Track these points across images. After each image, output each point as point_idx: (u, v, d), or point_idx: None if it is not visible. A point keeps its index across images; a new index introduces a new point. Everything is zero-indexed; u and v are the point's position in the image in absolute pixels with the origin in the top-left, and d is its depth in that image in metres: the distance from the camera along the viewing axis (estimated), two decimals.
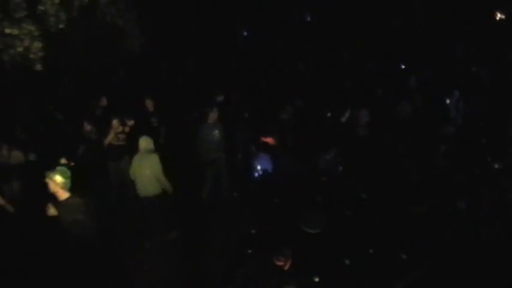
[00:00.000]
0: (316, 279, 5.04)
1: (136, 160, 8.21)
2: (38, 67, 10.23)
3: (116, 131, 9.60)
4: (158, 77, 13.61)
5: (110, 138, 9.56)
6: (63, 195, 6.15)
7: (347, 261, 5.54)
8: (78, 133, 10.16)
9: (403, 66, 15.00)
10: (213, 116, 9.62)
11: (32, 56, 10.14)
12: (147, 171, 7.95)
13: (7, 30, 10.01)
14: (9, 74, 10.31)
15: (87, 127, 9.97)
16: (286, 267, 5.01)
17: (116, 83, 12.96)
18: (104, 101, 11.19)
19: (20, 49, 10.06)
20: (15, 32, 10.03)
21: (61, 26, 10.55)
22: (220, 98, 10.87)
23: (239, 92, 11.76)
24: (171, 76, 13.80)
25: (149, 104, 10.65)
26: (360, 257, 5.68)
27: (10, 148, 9.28)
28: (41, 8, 10.09)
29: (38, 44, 10.21)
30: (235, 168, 9.84)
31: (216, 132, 9.54)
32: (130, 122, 9.92)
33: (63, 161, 8.08)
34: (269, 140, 7.77)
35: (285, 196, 6.35)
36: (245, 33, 17.46)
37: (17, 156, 9.24)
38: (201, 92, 12.22)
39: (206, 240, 7.54)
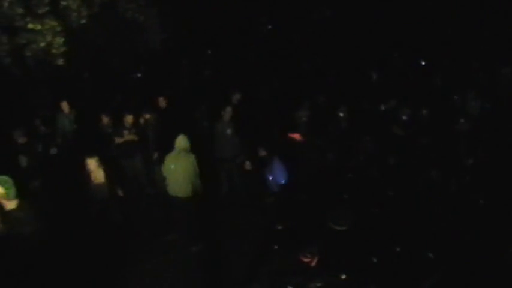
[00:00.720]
0: (343, 277, 4.96)
1: (172, 158, 7.96)
2: (60, 62, 10.31)
3: (129, 127, 9.56)
4: (178, 73, 13.58)
5: (123, 134, 9.51)
6: (8, 205, 5.81)
7: (374, 259, 5.45)
8: (96, 127, 10.22)
9: (423, 63, 14.81)
10: (227, 114, 9.53)
11: (54, 51, 10.22)
12: (180, 171, 7.87)
13: (30, 26, 10.09)
14: (32, 69, 10.35)
15: (105, 120, 9.99)
16: (312, 264, 4.94)
17: (136, 78, 12.96)
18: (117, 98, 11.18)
19: (42, 44, 10.14)
20: (38, 27, 10.12)
21: (82, 21, 10.61)
22: (237, 96, 10.77)
23: (258, 90, 11.68)
24: (191, 72, 13.76)
25: (162, 102, 10.57)
26: (386, 255, 5.58)
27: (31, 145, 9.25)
28: (63, 3, 10.16)
29: (59, 40, 10.28)
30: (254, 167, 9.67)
31: (229, 130, 9.43)
32: (147, 117, 9.90)
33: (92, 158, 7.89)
34: (296, 136, 7.67)
35: (312, 193, 6.28)
36: (268, 27, 17.31)
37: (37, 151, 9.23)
38: (218, 89, 12.16)
39: (228, 238, 7.50)
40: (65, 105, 10.49)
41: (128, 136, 9.52)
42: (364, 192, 6.33)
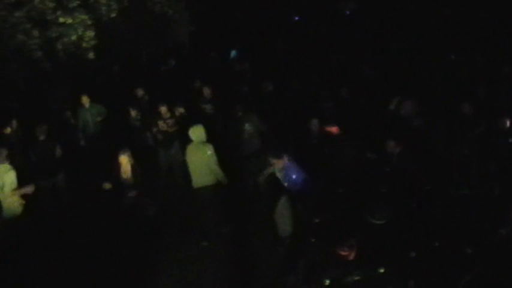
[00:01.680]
0: (381, 271, 4.88)
1: (190, 150, 7.96)
2: (90, 55, 10.40)
3: (165, 118, 9.56)
4: (206, 66, 13.58)
5: (159, 125, 9.51)
6: None
7: (412, 254, 5.36)
8: (124, 119, 10.30)
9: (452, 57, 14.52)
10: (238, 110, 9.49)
11: (84, 44, 10.32)
12: (198, 161, 7.88)
13: (61, 20, 10.20)
14: (63, 62, 10.45)
15: (133, 112, 10.04)
16: (350, 258, 4.87)
17: (165, 71, 12.99)
18: (140, 92, 11.13)
19: (73, 38, 10.24)
20: (69, 21, 10.22)
21: (112, 15, 10.70)
22: (269, 88, 10.68)
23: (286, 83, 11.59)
24: (220, 65, 13.76)
25: (206, 92, 10.54)
26: (425, 249, 5.49)
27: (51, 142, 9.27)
28: None
29: (90, 33, 10.38)
30: None
31: (253, 125, 9.33)
32: (181, 109, 9.90)
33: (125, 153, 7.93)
34: (333, 129, 7.57)
35: (349, 186, 6.20)
36: (296, 18, 17.17)
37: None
38: (247, 83, 12.11)
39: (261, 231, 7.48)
40: (85, 99, 10.37)
41: (163, 127, 9.52)
42: (401, 186, 6.23)
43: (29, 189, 7.14)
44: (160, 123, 9.47)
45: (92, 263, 6.87)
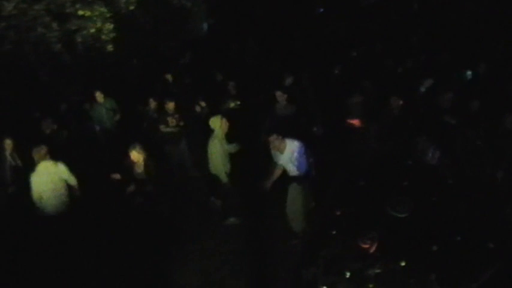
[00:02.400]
0: (402, 264, 4.83)
1: (209, 140, 8.00)
2: (109, 48, 10.46)
3: (172, 113, 9.54)
4: (225, 58, 13.54)
5: (168, 121, 9.53)
6: None
7: (434, 247, 5.29)
8: (142, 112, 10.27)
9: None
10: (280, 99, 9.41)
11: (103, 37, 10.38)
12: (212, 151, 7.87)
13: (80, 12, 10.27)
14: (81, 55, 10.52)
15: (152, 104, 10.02)
16: (371, 251, 4.83)
17: (183, 64, 12.98)
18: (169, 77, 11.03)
19: (92, 30, 10.31)
20: (88, 13, 10.28)
21: (131, 7, 10.74)
22: (289, 81, 10.61)
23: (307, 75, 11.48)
24: (239, 57, 13.71)
25: (231, 86, 10.53)
26: (447, 243, 5.41)
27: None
28: None
29: (109, 26, 10.44)
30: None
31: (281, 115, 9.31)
32: (202, 104, 9.88)
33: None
34: (355, 121, 7.51)
35: (371, 179, 6.15)
36: (321, 10, 16.97)
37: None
38: (269, 75, 12.03)
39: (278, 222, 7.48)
40: (98, 95, 10.14)
41: (172, 122, 9.51)
42: (423, 179, 6.15)
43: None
44: (169, 119, 9.48)
45: (110, 257, 6.90)
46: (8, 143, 7.67)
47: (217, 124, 7.87)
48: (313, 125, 9.10)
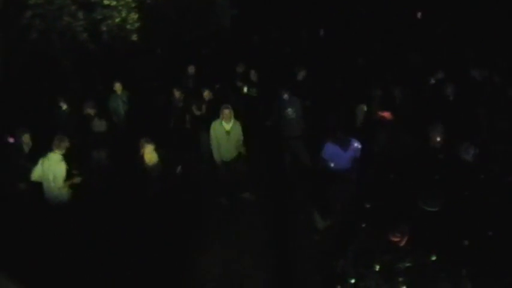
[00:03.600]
0: (433, 258, 4.75)
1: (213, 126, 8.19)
2: (134, 37, 10.48)
3: (204, 101, 9.53)
4: (248, 49, 13.48)
5: (203, 108, 9.51)
6: None
7: (465, 242, 5.19)
8: (168, 101, 10.26)
9: None
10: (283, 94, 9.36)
11: (128, 26, 10.41)
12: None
13: (105, 2, 10.32)
14: (107, 44, 10.56)
15: (176, 93, 10.02)
16: (401, 244, 4.75)
17: (207, 54, 12.96)
18: (192, 69, 11.03)
19: (117, 20, 10.35)
20: (113, 3, 10.33)
21: None
22: (302, 74, 10.51)
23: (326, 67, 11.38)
24: (262, 48, 13.64)
25: (253, 75, 10.47)
26: (478, 238, 5.31)
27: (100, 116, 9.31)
28: None
29: (134, 15, 10.48)
30: None
31: (295, 108, 9.23)
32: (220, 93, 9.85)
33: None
34: (386, 114, 7.40)
35: (402, 172, 6.06)
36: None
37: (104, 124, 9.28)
38: (288, 66, 11.95)
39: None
40: (118, 86, 9.92)
41: (197, 111, 9.51)
42: (455, 173, 6.03)
43: (76, 180, 7.20)
44: (196, 108, 9.48)
45: (131, 248, 6.92)
46: (26, 137, 7.66)
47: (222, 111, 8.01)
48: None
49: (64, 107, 9.10)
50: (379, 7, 16.48)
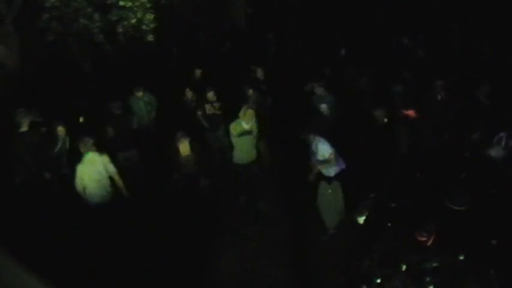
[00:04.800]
0: (461, 258, 4.67)
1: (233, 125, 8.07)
2: (150, 38, 10.49)
3: (212, 101, 9.52)
4: (263, 48, 13.42)
5: (206, 108, 9.50)
6: None
7: (494, 242, 5.10)
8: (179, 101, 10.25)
9: None
10: (318, 89, 9.28)
11: (144, 27, 10.42)
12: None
13: (121, 3, 10.34)
14: (123, 45, 10.60)
15: (188, 94, 10.00)
16: (428, 243, 4.68)
17: (222, 53, 12.92)
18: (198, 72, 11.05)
19: (133, 21, 10.37)
20: (129, 4, 10.35)
21: None
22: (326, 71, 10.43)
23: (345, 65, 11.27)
24: (278, 47, 13.56)
25: (260, 73, 10.41)
26: (507, 238, 5.20)
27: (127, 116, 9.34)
28: None
29: (149, 16, 10.49)
30: None
31: (324, 105, 9.18)
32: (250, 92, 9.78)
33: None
34: (410, 112, 7.31)
35: (427, 171, 5.97)
36: None
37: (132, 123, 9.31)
38: (304, 64, 11.87)
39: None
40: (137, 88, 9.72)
41: (210, 110, 9.50)
42: (482, 172, 5.93)
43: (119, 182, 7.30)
44: (208, 107, 9.46)
45: (152, 244, 6.93)
46: (61, 129, 7.99)
47: (242, 111, 7.91)
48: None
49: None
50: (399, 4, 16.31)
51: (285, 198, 8.18)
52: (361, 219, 5.61)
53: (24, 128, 7.58)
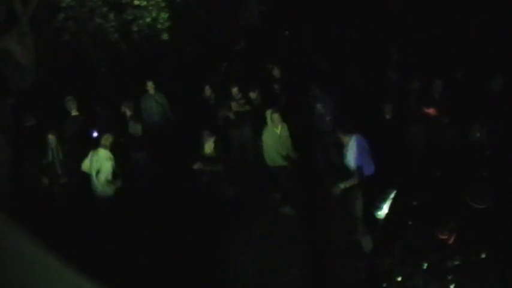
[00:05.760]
0: (482, 256, 4.64)
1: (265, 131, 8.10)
2: (164, 37, 10.53)
3: (237, 98, 9.49)
4: (278, 46, 13.39)
5: (232, 105, 9.47)
6: None
7: None
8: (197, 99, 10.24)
9: None
10: (314, 90, 9.25)
11: (159, 26, 10.46)
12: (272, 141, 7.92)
13: (136, 2, 10.38)
14: (137, 44, 10.64)
15: (208, 91, 10.02)
16: (450, 241, 4.66)
17: (237, 51, 12.89)
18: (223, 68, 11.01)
19: (148, 20, 10.41)
20: (143, 3, 10.38)
21: None
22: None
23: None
24: (292, 45, 13.52)
25: (276, 72, 10.39)
26: None
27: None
28: None
29: (164, 15, 10.52)
30: None
31: (319, 105, 9.13)
32: (254, 91, 9.79)
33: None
34: (431, 110, 7.26)
35: (449, 169, 5.93)
36: None
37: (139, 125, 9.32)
38: (317, 62, 11.83)
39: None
40: (150, 86, 9.65)
41: (235, 107, 9.46)
42: (504, 170, 5.87)
43: (117, 183, 7.28)
44: (233, 104, 9.42)
45: (169, 240, 6.97)
46: (51, 138, 7.80)
47: (268, 115, 7.95)
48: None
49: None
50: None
51: (306, 197, 8.19)
52: (380, 214, 5.59)
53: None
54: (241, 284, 6.44)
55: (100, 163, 7.13)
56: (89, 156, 7.22)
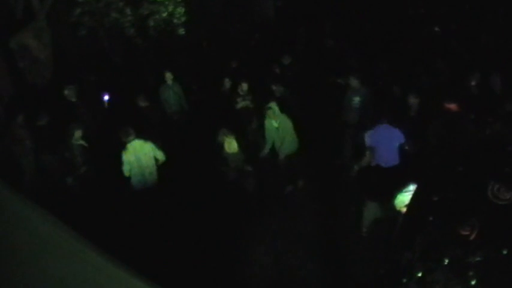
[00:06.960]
0: (504, 252, 4.58)
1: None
2: (181, 31, 10.54)
3: (244, 94, 9.47)
4: (294, 41, 13.34)
5: (239, 102, 9.48)
6: None
7: None
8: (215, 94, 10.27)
9: None
10: (353, 82, 9.17)
11: (175, 21, 10.48)
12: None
13: None
14: (153, 39, 10.67)
15: (227, 84, 9.88)
16: (471, 237, 4.60)
17: (252, 46, 12.87)
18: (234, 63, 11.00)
19: (164, 14, 10.44)
20: None
21: None
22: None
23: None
24: (308, 40, 13.46)
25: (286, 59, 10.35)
26: None
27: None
28: None
29: (180, 10, 10.55)
30: None
31: (357, 98, 9.09)
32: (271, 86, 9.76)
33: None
34: (452, 106, 7.19)
35: (470, 164, 5.87)
36: None
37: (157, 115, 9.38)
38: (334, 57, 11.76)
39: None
40: (168, 76, 9.69)
41: (242, 103, 9.46)
42: None
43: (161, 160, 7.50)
44: (239, 100, 9.43)
45: (189, 234, 6.99)
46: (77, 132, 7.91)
47: (268, 109, 8.02)
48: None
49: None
50: None
51: (323, 191, 8.18)
52: (400, 205, 5.57)
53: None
54: (260, 277, 6.44)
55: (145, 152, 7.29)
56: (127, 152, 7.24)
